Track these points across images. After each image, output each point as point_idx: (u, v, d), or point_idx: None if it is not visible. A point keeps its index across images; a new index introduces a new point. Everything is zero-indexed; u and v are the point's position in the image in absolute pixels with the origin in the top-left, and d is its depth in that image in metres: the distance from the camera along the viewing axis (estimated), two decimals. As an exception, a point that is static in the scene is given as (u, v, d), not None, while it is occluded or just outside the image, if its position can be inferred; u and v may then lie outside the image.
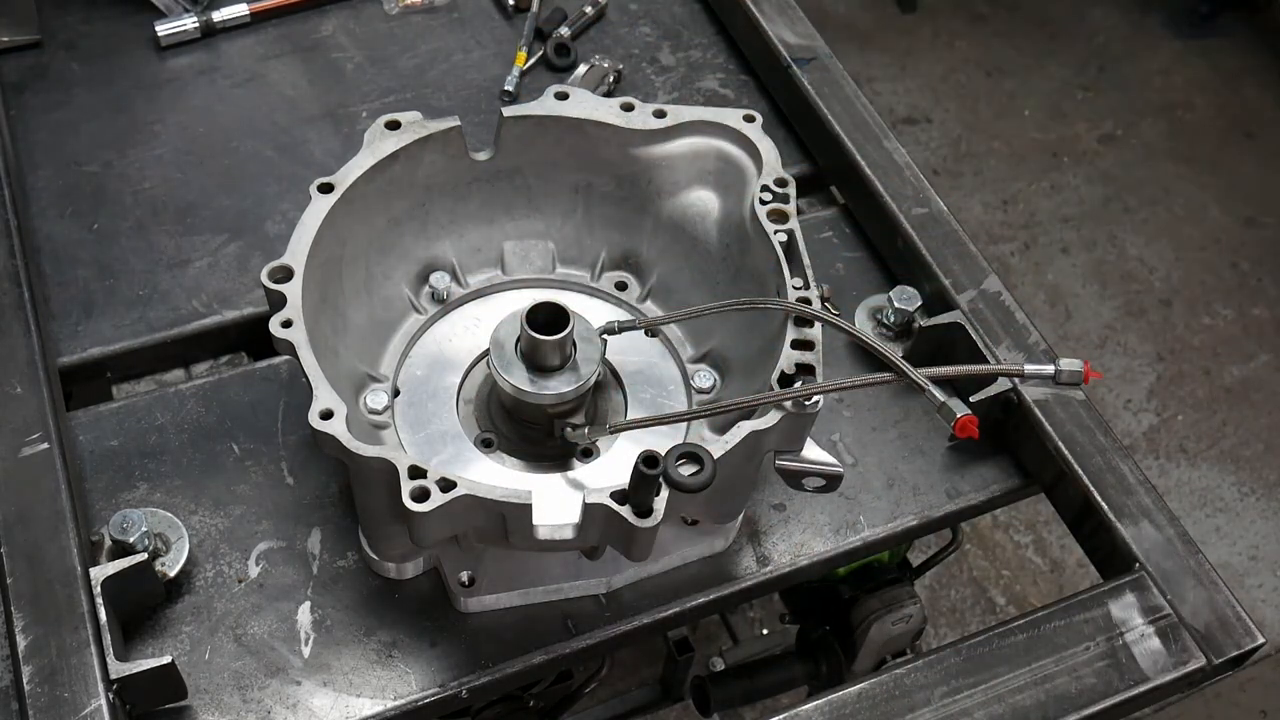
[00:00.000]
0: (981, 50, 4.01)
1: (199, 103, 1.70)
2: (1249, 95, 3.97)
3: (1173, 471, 3.11)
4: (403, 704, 1.20)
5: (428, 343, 1.34)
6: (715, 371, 1.33)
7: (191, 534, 1.27)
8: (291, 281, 1.14)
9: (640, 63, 1.81)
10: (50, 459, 1.25)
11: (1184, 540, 1.32)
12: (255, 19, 1.78)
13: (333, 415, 1.05)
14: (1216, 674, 1.27)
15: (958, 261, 1.50)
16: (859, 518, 1.36)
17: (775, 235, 1.21)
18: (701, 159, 1.33)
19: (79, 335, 1.44)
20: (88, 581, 1.15)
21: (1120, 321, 3.38)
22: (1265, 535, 3.03)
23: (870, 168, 1.58)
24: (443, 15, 1.84)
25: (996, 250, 3.48)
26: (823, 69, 1.70)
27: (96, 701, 1.09)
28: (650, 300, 1.39)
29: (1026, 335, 1.45)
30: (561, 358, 1.19)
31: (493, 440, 1.26)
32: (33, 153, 1.61)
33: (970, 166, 3.69)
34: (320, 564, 1.28)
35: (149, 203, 1.58)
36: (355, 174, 1.22)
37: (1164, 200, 3.67)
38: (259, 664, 1.21)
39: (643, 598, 1.29)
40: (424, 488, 1.02)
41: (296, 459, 1.35)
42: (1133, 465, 1.36)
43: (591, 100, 1.31)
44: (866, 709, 1.19)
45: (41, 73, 1.70)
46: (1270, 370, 3.32)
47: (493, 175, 1.34)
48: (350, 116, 1.70)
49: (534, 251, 1.40)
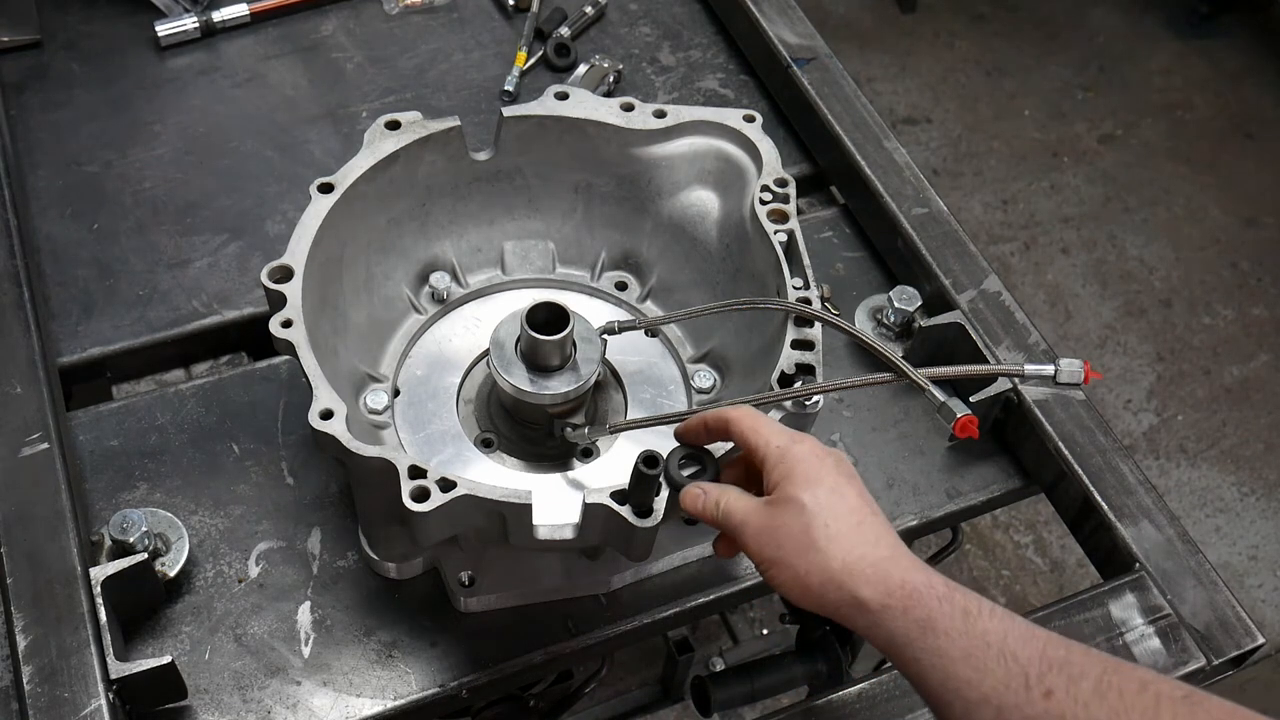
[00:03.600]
0: (981, 50, 4.01)
1: (199, 103, 1.70)
2: (1249, 95, 3.97)
3: (1173, 471, 3.11)
4: (403, 704, 1.20)
5: (428, 343, 1.34)
6: (715, 371, 1.33)
7: (191, 534, 1.27)
8: (291, 281, 1.14)
9: (640, 63, 1.81)
10: (50, 459, 1.25)
11: (1184, 540, 1.32)
12: (255, 19, 1.78)
13: (333, 415, 1.05)
14: (1216, 674, 1.27)
15: (958, 261, 1.50)
16: (859, 518, 1.36)
17: (775, 235, 1.21)
18: (701, 159, 1.33)
19: (79, 335, 1.44)
20: (88, 581, 1.15)
21: (1120, 321, 3.38)
22: (1265, 535, 3.03)
23: (870, 168, 1.58)
24: (443, 15, 1.84)
25: (996, 250, 3.48)
26: (823, 69, 1.70)
27: (96, 701, 1.09)
28: (650, 300, 1.39)
29: (1026, 335, 1.45)
30: (561, 358, 1.19)
31: (493, 440, 1.26)
32: (33, 153, 1.61)
33: (970, 166, 3.69)
34: (320, 564, 1.28)
35: (149, 203, 1.58)
36: (355, 174, 1.22)
37: (1164, 200, 3.67)
38: (259, 664, 1.21)
39: (643, 598, 1.29)
40: (424, 488, 1.02)
41: (296, 459, 1.35)
42: (1133, 465, 1.36)
43: (591, 100, 1.31)
44: (866, 709, 1.19)
45: (41, 73, 1.70)
46: (1270, 370, 3.32)
47: (493, 175, 1.35)
48: (350, 116, 1.70)
49: (534, 251, 1.40)
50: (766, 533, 0.98)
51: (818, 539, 0.95)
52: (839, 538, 0.95)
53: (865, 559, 0.94)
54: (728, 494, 1.02)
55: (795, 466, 0.98)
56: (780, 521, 0.97)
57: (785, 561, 0.96)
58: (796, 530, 0.96)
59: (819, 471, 0.98)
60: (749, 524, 0.99)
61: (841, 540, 0.95)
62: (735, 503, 1.01)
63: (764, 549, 0.98)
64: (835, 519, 0.96)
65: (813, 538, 0.95)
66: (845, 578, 0.93)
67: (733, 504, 1.01)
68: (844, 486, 0.98)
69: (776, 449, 1.00)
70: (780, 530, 0.97)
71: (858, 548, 0.94)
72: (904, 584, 0.92)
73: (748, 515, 1.00)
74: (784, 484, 0.98)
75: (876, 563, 0.93)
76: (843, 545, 0.94)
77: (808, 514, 0.96)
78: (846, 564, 0.94)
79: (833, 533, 0.95)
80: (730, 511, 1.01)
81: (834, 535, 0.95)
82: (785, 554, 0.96)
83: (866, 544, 0.95)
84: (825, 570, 0.94)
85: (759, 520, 0.99)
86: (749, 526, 0.99)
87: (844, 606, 0.94)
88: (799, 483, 0.97)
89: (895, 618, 0.92)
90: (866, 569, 0.93)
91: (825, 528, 0.95)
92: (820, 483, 0.97)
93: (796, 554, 0.95)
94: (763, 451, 1.01)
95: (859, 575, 0.93)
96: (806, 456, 0.99)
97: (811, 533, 0.95)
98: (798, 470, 0.98)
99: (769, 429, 1.02)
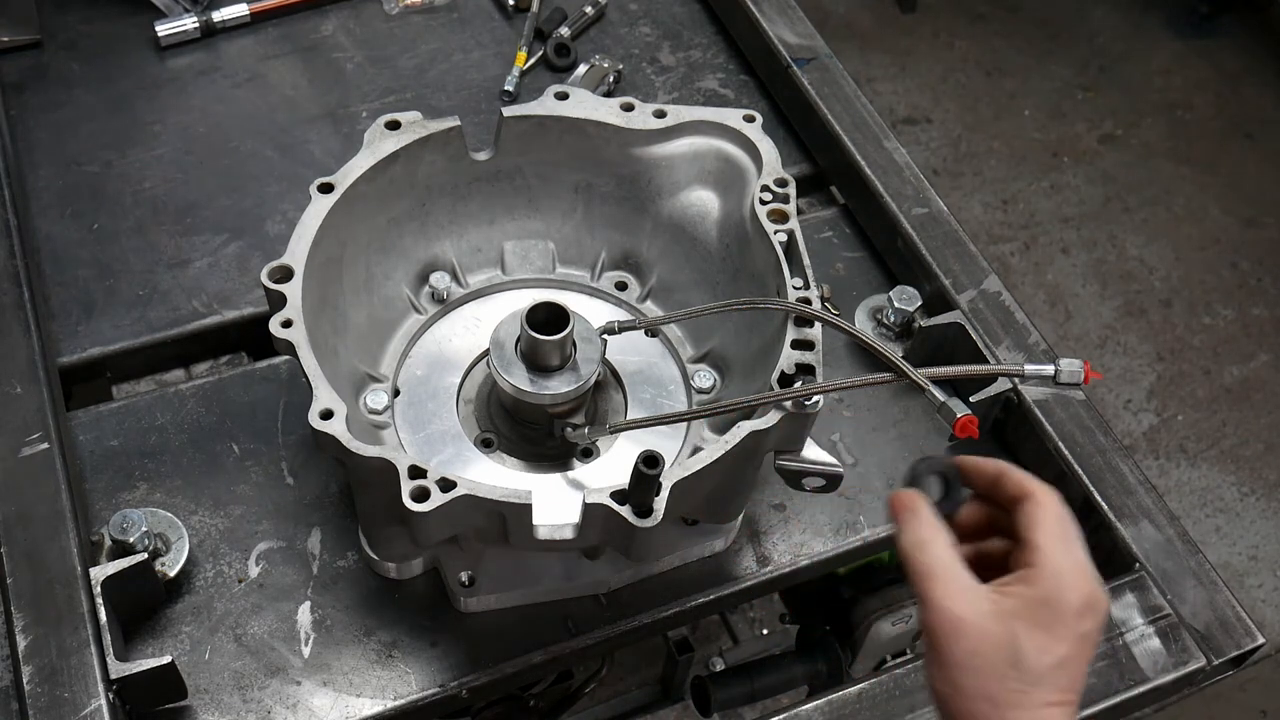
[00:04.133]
0: (981, 50, 4.01)
1: (199, 103, 1.70)
2: (1249, 95, 3.97)
3: (1173, 471, 3.11)
4: (403, 704, 1.20)
5: (428, 343, 1.34)
6: (715, 371, 1.33)
7: (191, 534, 1.27)
8: (291, 281, 1.14)
9: (640, 63, 1.81)
10: (50, 459, 1.25)
11: (1184, 540, 1.32)
12: (255, 19, 1.78)
13: (333, 415, 1.05)
14: (1216, 674, 1.27)
15: (958, 261, 1.50)
16: (859, 518, 1.36)
17: (775, 235, 1.21)
18: (701, 159, 1.33)
19: (79, 335, 1.44)
20: (88, 581, 1.15)
21: (1120, 321, 3.38)
22: (1265, 535, 3.03)
23: (870, 168, 1.58)
24: (443, 15, 1.84)
25: (996, 250, 3.48)
26: (823, 69, 1.70)
27: (96, 701, 1.09)
28: (650, 300, 1.39)
29: (1026, 335, 1.45)
30: (561, 358, 1.19)
31: (493, 440, 1.26)
32: (33, 153, 1.61)
33: (970, 166, 3.69)
34: (320, 564, 1.28)
35: (149, 203, 1.58)
36: (355, 174, 1.22)
37: (1164, 200, 3.67)
38: (259, 664, 1.21)
39: (643, 598, 1.29)
40: (424, 488, 1.02)
41: (296, 459, 1.35)
42: (1133, 465, 1.36)
43: (591, 100, 1.31)
44: (866, 709, 1.19)
45: (41, 73, 1.70)
46: (1270, 370, 3.32)
47: (493, 175, 1.34)
48: (350, 116, 1.70)
49: (534, 251, 1.40)
50: (964, 643, 0.83)
51: (1004, 696, 0.82)
52: (1024, 707, 0.82)
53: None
54: (939, 538, 0.88)
55: (1048, 610, 0.84)
56: (986, 648, 0.82)
57: (958, 683, 0.83)
58: (993, 674, 0.82)
59: (1067, 634, 0.84)
60: (948, 612, 0.84)
61: (1025, 711, 0.82)
62: (942, 555, 0.87)
63: (948, 654, 0.83)
64: (1036, 688, 0.82)
65: (1002, 692, 0.82)
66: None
67: (939, 554, 0.87)
68: (1076, 662, 0.85)
69: (1053, 578, 0.85)
70: (978, 655, 0.83)
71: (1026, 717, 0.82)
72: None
73: (951, 601, 0.85)
74: (1021, 618, 0.83)
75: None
76: (1014, 703, 0.82)
77: (1016, 669, 0.82)
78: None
79: (1023, 699, 0.82)
80: (933, 560, 0.86)
81: (1022, 701, 0.82)
82: (963, 678, 0.83)
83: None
84: (975, 706, 0.83)
85: (965, 619, 0.84)
86: (946, 615, 0.84)
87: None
88: (1037, 635, 0.83)
89: None
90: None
91: (1020, 692, 0.82)
92: (1056, 647, 0.83)
93: (974, 690, 0.82)
94: (1039, 564, 0.86)
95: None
96: (1070, 612, 0.84)
97: (1004, 686, 0.82)
98: (1047, 618, 0.83)
99: (1069, 554, 0.87)
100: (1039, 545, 0.87)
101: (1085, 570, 0.87)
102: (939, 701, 0.86)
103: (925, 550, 0.88)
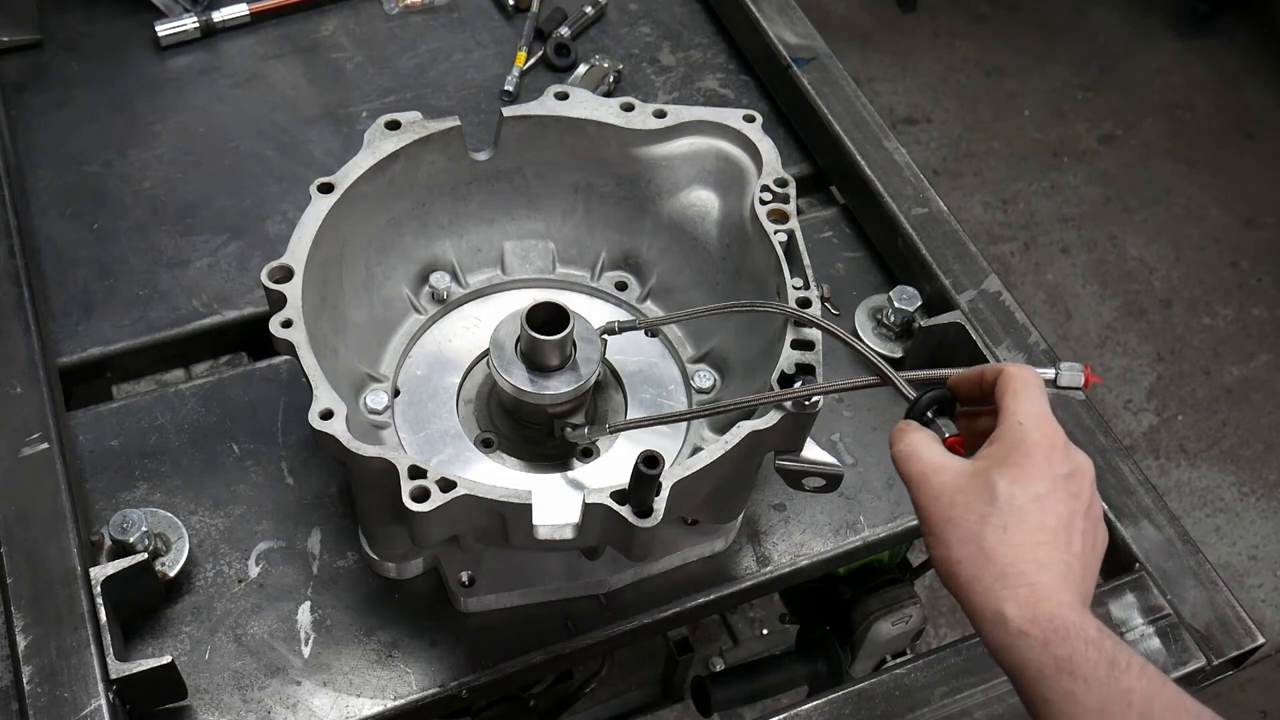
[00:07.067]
0: (981, 50, 4.01)
1: (199, 103, 1.70)
2: (1249, 95, 3.97)
3: (1173, 471, 3.11)
4: (403, 704, 1.20)
5: (428, 343, 1.34)
6: (715, 371, 1.33)
7: (191, 534, 1.27)
8: (291, 281, 1.14)
9: (640, 63, 1.81)
10: (50, 459, 1.25)
11: (1184, 540, 1.32)
12: (255, 19, 1.78)
13: (333, 415, 1.05)
14: (1216, 674, 1.27)
15: (958, 261, 1.50)
16: (859, 518, 1.36)
17: (775, 235, 1.21)
18: (701, 159, 1.33)
19: (79, 335, 1.44)
20: (88, 581, 1.15)
21: (1120, 321, 3.38)
22: (1265, 535, 3.03)
23: (870, 168, 1.58)
24: (443, 15, 1.84)
25: (996, 250, 3.48)
26: (823, 69, 1.70)
27: (96, 701, 1.09)
28: (650, 300, 1.39)
29: (1026, 335, 1.45)
30: (561, 358, 1.19)
31: (493, 440, 1.26)
32: (33, 153, 1.61)
33: (970, 166, 3.69)
34: (320, 564, 1.28)
35: (149, 203, 1.58)
36: (355, 174, 1.22)
37: (1164, 200, 3.67)
38: (259, 664, 1.21)
39: (643, 598, 1.29)
40: (424, 488, 1.02)
41: (296, 459, 1.35)
42: (1133, 465, 1.36)
43: (591, 100, 1.31)
44: (866, 709, 1.19)
45: (41, 73, 1.70)
46: (1270, 370, 3.32)
47: (493, 175, 1.34)
48: (350, 116, 1.70)
49: (534, 251, 1.40)
50: (944, 498, 0.88)
51: (987, 536, 0.85)
52: (1009, 545, 0.85)
53: (1024, 576, 0.84)
54: (916, 436, 0.93)
55: (1017, 451, 0.88)
56: (963, 498, 0.87)
57: (946, 539, 0.87)
58: (973, 516, 0.87)
59: (1038, 472, 0.88)
60: (929, 481, 0.90)
61: (1010, 549, 0.85)
62: (921, 449, 0.92)
63: (932, 514, 0.89)
64: (1018, 525, 0.85)
65: (983, 532, 0.86)
66: (996, 585, 0.84)
67: (918, 450, 0.92)
68: (1054, 502, 0.87)
69: (1017, 425, 0.89)
70: (957, 505, 0.87)
71: (1022, 564, 0.85)
72: (1052, 617, 0.82)
73: (931, 472, 0.90)
74: (994, 464, 0.88)
75: (1034, 585, 0.84)
76: (1008, 554, 0.85)
77: (993, 506, 0.86)
78: (1003, 573, 0.84)
79: (1006, 537, 0.85)
80: (911, 457, 0.92)
81: (1006, 540, 0.85)
82: (949, 531, 0.87)
83: (1034, 564, 0.85)
84: (978, 569, 0.85)
85: (944, 480, 0.89)
86: (928, 483, 0.90)
87: (984, 613, 0.85)
88: (1009, 471, 0.87)
89: (1032, 648, 0.82)
90: (1021, 588, 0.84)
91: (1002, 529, 0.85)
92: (1029, 483, 0.87)
93: (960, 538, 0.86)
94: (1004, 420, 0.90)
95: (1010, 590, 0.84)
96: (1037, 450, 0.88)
97: (985, 526, 0.86)
98: (1016, 457, 0.88)
99: (1030, 404, 0.90)
100: (1004, 405, 0.92)
101: (1049, 419, 0.91)
102: (945, 578, 0.89)
103: (913, 450, 0.93)
